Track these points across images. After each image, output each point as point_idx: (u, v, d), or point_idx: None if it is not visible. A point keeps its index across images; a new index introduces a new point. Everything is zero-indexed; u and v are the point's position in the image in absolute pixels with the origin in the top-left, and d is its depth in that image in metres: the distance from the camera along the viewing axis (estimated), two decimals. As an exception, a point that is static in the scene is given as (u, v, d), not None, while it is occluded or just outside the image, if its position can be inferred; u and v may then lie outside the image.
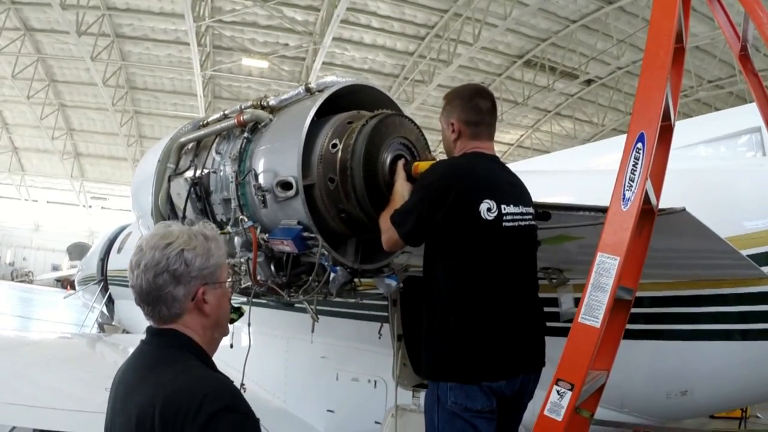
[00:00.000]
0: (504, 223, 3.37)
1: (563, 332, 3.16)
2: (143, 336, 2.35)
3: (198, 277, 2.22)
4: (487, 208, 3.31)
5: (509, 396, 3.35)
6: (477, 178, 3.43)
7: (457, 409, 3.25)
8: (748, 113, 4.75)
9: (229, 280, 2.58)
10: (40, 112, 38.60)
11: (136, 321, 12.58)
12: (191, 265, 2.20)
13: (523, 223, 3.48)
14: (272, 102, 4.36)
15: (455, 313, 3.31)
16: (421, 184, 3.49)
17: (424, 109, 32.65)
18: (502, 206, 3.37)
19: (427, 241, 3.51)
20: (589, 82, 33.14)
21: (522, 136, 39.42)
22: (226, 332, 2.43)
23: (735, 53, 3.99)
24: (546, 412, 2.85)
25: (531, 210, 3.60)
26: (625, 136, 3.23)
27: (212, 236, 2.33)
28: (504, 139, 38.63)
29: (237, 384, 2.28)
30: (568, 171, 6.11)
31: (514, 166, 4.11)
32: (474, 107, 3.63)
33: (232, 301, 4.42)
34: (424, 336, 3.46)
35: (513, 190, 3.56)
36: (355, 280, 4.30)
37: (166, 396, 2.02)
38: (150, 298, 2.22)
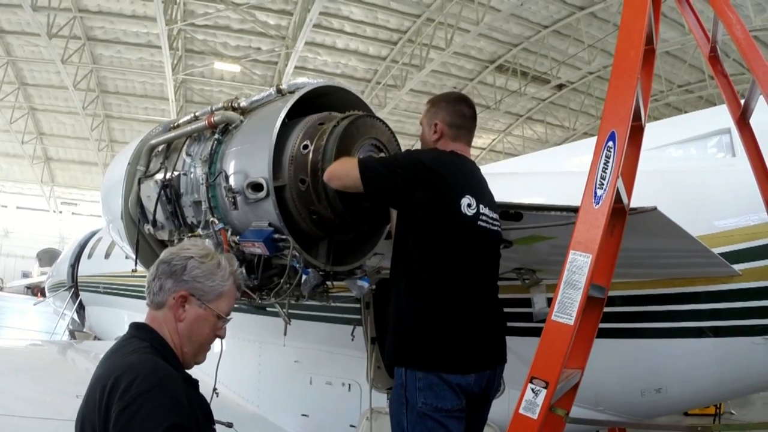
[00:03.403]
0: (479, 222, 3.42)
1: (536, 332, 3.16)
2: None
3: (188, 282, 2.46)
4: (467, 204, 3.37)
5: (477, 392, 3.36)
6: (461, 173, 3.49)
7: (427, 409, 3.23)
8: (718, 115, 4.82)
9: (226, 321, 2.65)
10: (10, 115, 38.00)
11: (108, 327, 12.48)
12: (187, 271, 2.46)
13: (493, 228, 3.55)
14: (243, 103, 4.32)
15: (426, 303, 3.33)
16: (413, 157, 3.47)
17: (397, 114, 32.67)
18: (481, 205, 3.44)
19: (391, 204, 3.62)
20: (560, 86, 33.35)
21: (494, 140, 39.59)
22: (198, 357, 2.59)
23: (705, 54, 4.02)
24: (521, 411, 2.85)
25: (498, 217, 3.68)
26: (593, 138, 3.24)
27: (225, 266, 2.56)
28: (476, 144, 38.70)
29: (210, 389, 2.38)
30: (536, 173, 6.14)
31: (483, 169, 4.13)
32: (458, 111, 3.74)
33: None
34: (393, 321, 3.45)
35: (488, 195, 3.63)
36: (328, 282, 4.27)
37: (107, 374, 2.22)
38: (150, 278, 2.51)
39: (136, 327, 2.50)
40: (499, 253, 3.70)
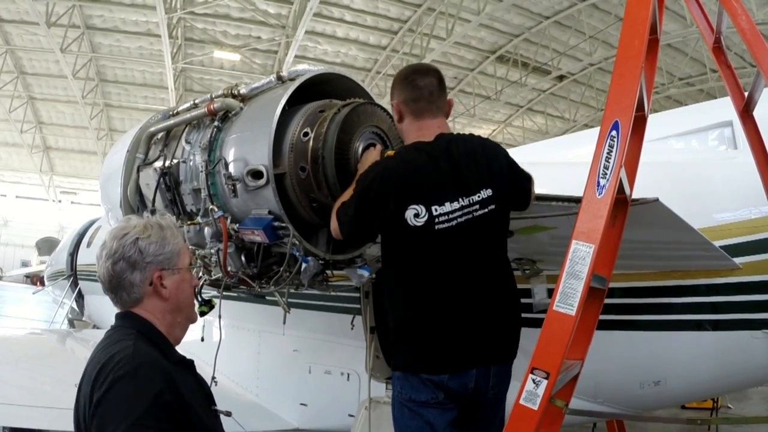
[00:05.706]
0: (437, 226, 3.20)
1: (534, 323, 3.14)
2: None
3: (153, 263, 2.41)
4: (414, 215, 3.18)
5: (458, 391, 3.26)
6: (406, 182, 3.23)
7: (403, 399, 3.31)
8: (720, 108, 4.81)
9: (193, 267, 2.65)
10: (9, 104, 37.99)
11: (107, 316, 12.42)
12: (145, 252, 2.39)
13: (462, 219, 3.24)
14: (243, 90, 4.30)
15: (397, 310, 3.39)
16: (356, 189, 3.37)
17: (397, 104, 32.61)
18: (434, 208, 3.19)
19: (369, 241, 3.62)
20: (561, 78, 33.33)
21: (494, 131, 39.55)
22: (191, 317, 2.61)
23: (709, 45, 4.00)
24: (521, 401, 2.83)
25: (485, 195, 3.31)
26: (592, 129, 3.22)
27: (167, 225, 2.52)
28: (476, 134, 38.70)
29: (208, 378, 2.38)
30: (536, 163, 6.12)
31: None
32: (410, 84, 3.47)
33: (203, 295, 4.39)
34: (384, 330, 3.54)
35: (457, 181, 3.30)
36: (327, 271, 4.26)
37: (90, 365, 2.27)
38: (112, 286, 2.42)
39: (121, 316, 2.47)
40: (492, 234, 3.40)
